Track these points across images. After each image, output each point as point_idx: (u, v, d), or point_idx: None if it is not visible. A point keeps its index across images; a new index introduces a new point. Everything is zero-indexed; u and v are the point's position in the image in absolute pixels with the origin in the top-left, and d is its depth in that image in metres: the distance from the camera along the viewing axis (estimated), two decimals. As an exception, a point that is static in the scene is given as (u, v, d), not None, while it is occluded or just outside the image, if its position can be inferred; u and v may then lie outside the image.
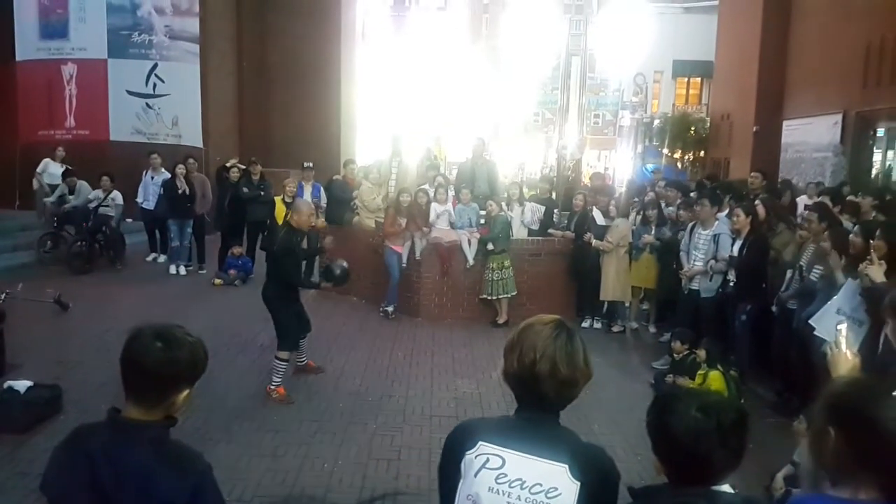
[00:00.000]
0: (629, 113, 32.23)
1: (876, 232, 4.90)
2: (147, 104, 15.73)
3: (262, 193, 11.06)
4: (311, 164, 11.12)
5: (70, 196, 11.71)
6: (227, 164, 12.03)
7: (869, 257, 4.62)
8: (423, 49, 36.69)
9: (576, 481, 1.76)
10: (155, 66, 15.65)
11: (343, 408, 6.11)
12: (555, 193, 11.06)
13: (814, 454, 1.76)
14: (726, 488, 1.74)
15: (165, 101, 15.69)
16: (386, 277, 9.31)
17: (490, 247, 8.97)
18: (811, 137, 16.53)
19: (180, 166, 11.40)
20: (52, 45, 15.73)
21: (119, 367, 1.90)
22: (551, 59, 23.50)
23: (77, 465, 1.85)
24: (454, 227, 9.30)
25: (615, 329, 9.06)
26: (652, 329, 9.11)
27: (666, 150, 27.51)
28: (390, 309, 9.26)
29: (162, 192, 11.61)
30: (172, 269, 11.48)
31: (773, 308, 6.64)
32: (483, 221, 9.28)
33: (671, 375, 6.59)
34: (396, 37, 37.96)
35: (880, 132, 14.84)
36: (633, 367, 7.77)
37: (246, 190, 11.05)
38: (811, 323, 5.22)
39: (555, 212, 10.14)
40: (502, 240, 9.01)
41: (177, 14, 15.59)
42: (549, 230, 9.72)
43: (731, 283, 7.01)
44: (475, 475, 1.82)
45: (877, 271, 4.46)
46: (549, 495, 1.77)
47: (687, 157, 26.65)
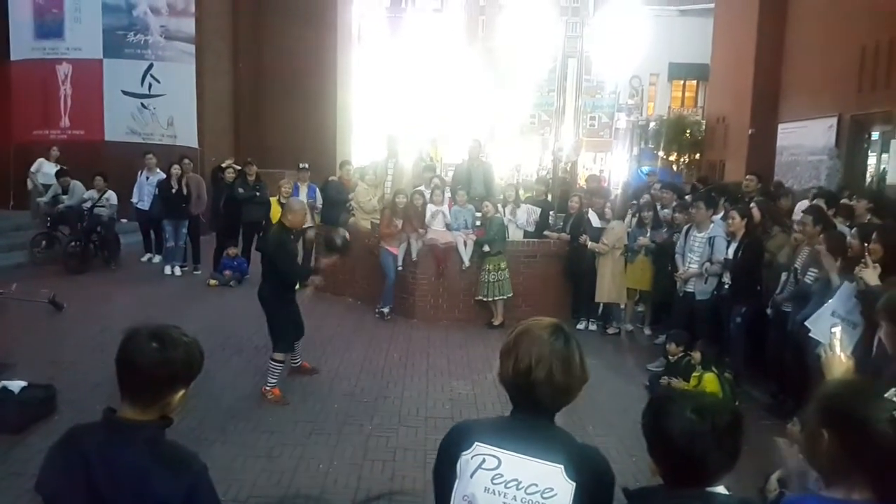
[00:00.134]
0: (625, 115, 32.23)
1: (872, 235, 4.92)
2: (142, 104, 15.70)
3: (258, 194, 11.04)
4: (307, 165, 11.10)
5: (64, 196, 11.68)
6: (223, 165, 12.00)
7: (864, 260, 4.64)
8: (420, 50, 36.73)
9: (571, 482, 1.77)
10: (150, 66, 15.62)
11: (338, 409, 6.10)
12: (551, 195, 11.07)
13: (807, 455, 1.77)
14: (721, 490, 1.74)
15: (161, 102, 15.66)
16: (381, 278, 9.31)
17: (486, 248, 8.97)
18: (806, 141, 16.57)
19: (175, 167, 11.40)
20: (47, 44, 15.67)
21: (114, 368, 1.90)
22: (547, 61, 23.55)
23: (72, 465, 1.85)
24: (450, 229, 9.31)
25: (610, 331, 9.07)
26: (647, 331, 9.12)
27: (661, 153, 27.55)
28: (386, 310, 9.26)
29: (157, 192, 11.59)
30: (167, 270, 11.46)
31: (768, 310, 6.65)
32: (479, 223, 9.28)
33: (666, 377, 6.61)
34: (393, 38, 38.00)
35: (875, 136, 14.86)
36: (627, 369, 7.78)
37: (241, 191, 11.03)
38: (807, 325, 5.24)
39: (550, 214, 10.15)
40: (498, 241, 9.01)
41: (172, 14, 15.57)
42: (545, 232, 9.72)
43: (726, 286, 7.03)
44: (471, 476, 1.82)
45: (871, 274, 4.47)
46: (545, 496, 1.77)
47: (682, 159, 26.68)
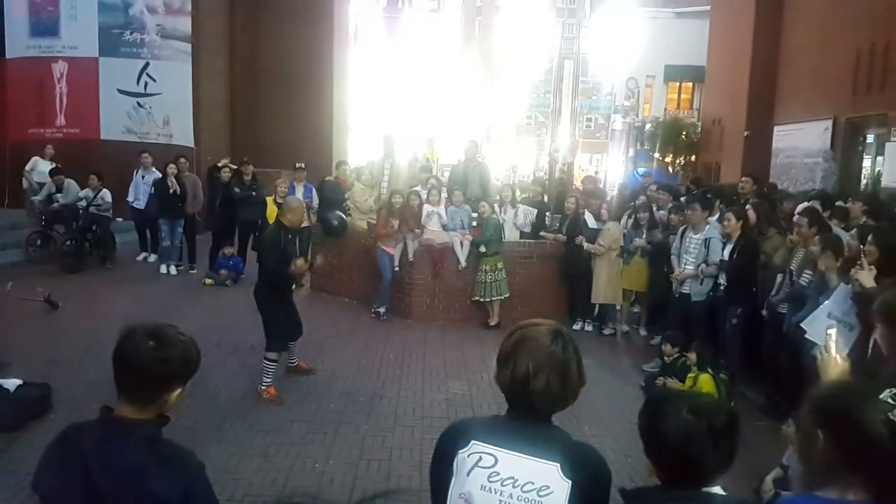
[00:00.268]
0: (621, 117, 32.28)
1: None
2: (138, 103, 15.63)
3: (254, 194, 11.04)
4: (303, 165, 11.09)
5: (58, 195, 11.65)
6: (219, 164, 11.99)
7: (859, 262, 4.64)
8: (416, 51, 36.72)
9: (567, 479, 1.77)
10: (146, 64, 15.56)
11: (334, 408, 6.10)
12: (547, 196, 11.08)
13: (802, 457, 1.77)
14: (717, 490, 1.75)
15: (157, 101, 15.61)
16: (378, 279, 9.30)
17: (482, 249, 8.98)
18: (801, 143, 16.63)
19: (171, 166, 11.38)
20: (42, 42, 15.61)
21: (110, 366, 1.90)
22: (544, 62, 23.61)
23: (69, 464, 1.85)
24: (446, 229, 9.31)
25: (606, 332, 9.09)
26: (643, 332, 9.14)
27: (657, 155, 27.59)
28: (382, 310, 9.26)
29: (153, 191, 11.56)
30: (163, 269, 11.43)
31: (764, 312, 6.68)
32: (475, 224, 9.29)
33: (661, 378, 6.61)
34: (389, 38, 37.96)
35: (870, 138, 14.92)
36: (623, 370, 7.80)
37: (237, 190, 11.02)
38: (802, 327, 5.25)
39: (547, 214, 10.16)
40: (494, 242, 9.02)
41: (169, 13, 15.52)
42: (541, 233, 9.73)
43: (722, 287, 7.04)
44: (468, 474, 1.82)
45: (867, 276, 4.48)
46: (541, 493, 1.78)
47: (678, 161, 26.73)
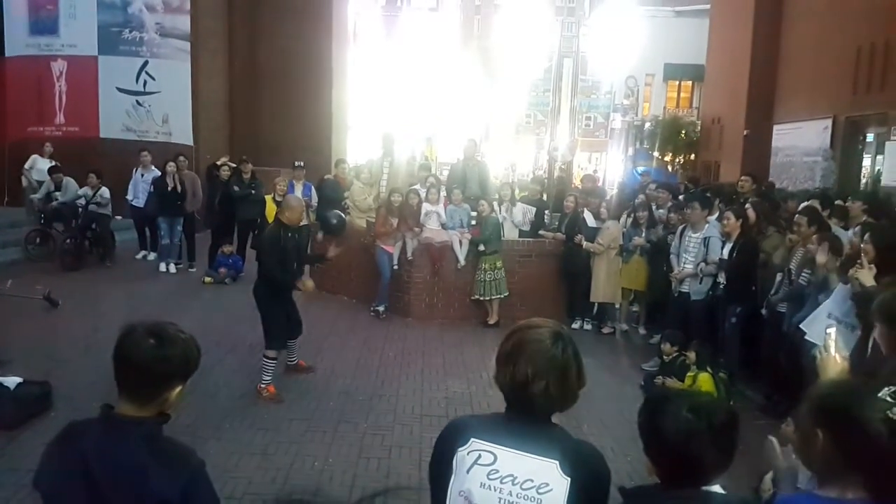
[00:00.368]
0: (620, 115, 32.30)
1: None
2: (137, 101, 15.62)
3: (253, 192, 11.03)
4: (302, 163, 11.08)
5: (57, 193, 11.65)
6: (218, 163, 11.99)
7: (859, 261, 4.64)
8: (415, 49, 36.66)
9: (566, 477, 1.78)
10: (145, 63, 15.55)
11: (334, 407, 6.10)
12: (546, 195, 11.08)
13: (801, 455, 1.78)
14: (717, 489, 1.75)
15: (156, 99, 15.60)
16: (377, 277, 9.30)
17: (481, 248, 8.98)
18: (801, 142, 16.65)
19: (170, 164, 11.37)
20: (41, 41, 15.59)
21: (110, 364, 1.90)
22: (543, 60, 23.57)
23: (70, 462, 1.85)
24: (445, 228, 9.31)
25: (605, 331, 9.10)
26: (642, 331, 9.14)
27: (657, 153, 27.63)
28: (381, 309, 9.26)
29: (152, 189, 11.56)
30: (162, 267, 11.42)
31: (763, 311, 6.68)
32: (474, 222, 9.29)
33: (661, 377, 6.62)
34: (388, 37, 37.90)
35: (869, 137, 14.94)
36: (622, 369, 7.80)
37: (236, 188, 11.01)
38: (802, 327, 5.25)
39: (546, 213, 10.16)
40: (494, 241, 9.02)
41: (168, 11, 15.51)
42: (540, 231, 9.73)
43: (721, 286, 7.05)
44: (467, 471, 1.83)
45: (866, 275, 4.48)
46: (541, 491, 1.78)
47: (677, 160, 26.76)
